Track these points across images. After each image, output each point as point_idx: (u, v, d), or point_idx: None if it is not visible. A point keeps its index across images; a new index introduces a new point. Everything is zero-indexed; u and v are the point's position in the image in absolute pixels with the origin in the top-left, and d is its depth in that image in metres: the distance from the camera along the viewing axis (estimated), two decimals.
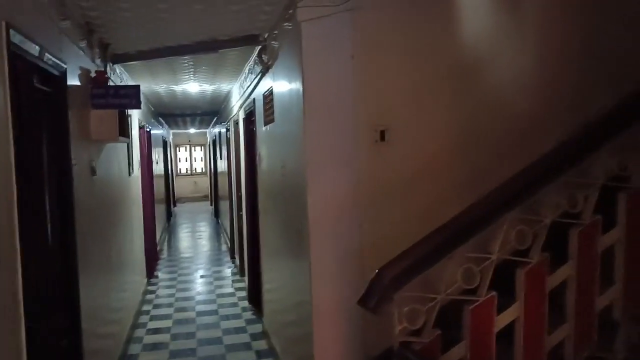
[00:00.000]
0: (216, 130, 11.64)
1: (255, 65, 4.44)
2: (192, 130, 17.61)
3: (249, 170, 5.54)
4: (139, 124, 6.61)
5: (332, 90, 2.78)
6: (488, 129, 2.94)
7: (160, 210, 10.61)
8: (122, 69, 4.91)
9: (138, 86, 3.54)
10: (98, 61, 3.78)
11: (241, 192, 6.60)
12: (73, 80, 3.04)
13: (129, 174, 5.42)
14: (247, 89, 5.24)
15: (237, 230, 7.26)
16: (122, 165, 5.00)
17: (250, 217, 5.61)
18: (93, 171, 3.45)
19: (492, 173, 2.97)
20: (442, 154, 2.90)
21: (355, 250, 2.81)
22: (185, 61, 4.85)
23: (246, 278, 6.29)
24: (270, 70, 3.79)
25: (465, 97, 2.92)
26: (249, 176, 5.56)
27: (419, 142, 2.88)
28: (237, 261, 7.39)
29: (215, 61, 4.90)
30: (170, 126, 14.84)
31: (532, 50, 2.99)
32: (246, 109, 5.40)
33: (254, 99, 4.77)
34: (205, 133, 17.75)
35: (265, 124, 4.13)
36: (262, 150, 4.51)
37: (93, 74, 3.54)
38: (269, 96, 3.90)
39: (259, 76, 4.25)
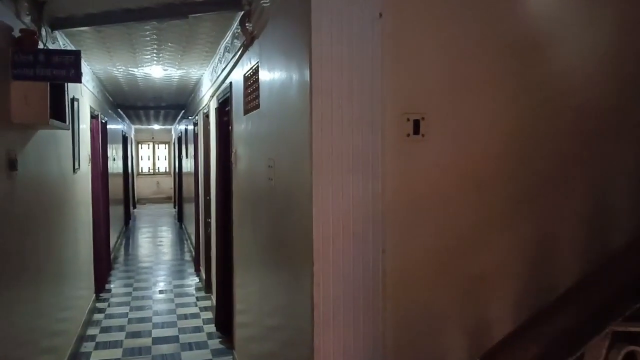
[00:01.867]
0: (182, 126, 10.67)
1: (235, 40, 3.59)
2: (156, 127, 16.49)
3: (221, 170, 4.67)
4: (91, 112, 5.64)
5: (349, 62, 1.97)
6: (554, 127, 2.20)
7: (117, 212, 9.55)
8: (66, 40, 3.98)
9: (78, 52, 2.64)
10: (27, 20, 2.86)
11: (210, 196, 5.71)
12: None
13: (74, 171, 4.46)
14: (221, 72, 4.38)
15: (204, 239, 6.36)
16: (63, 160, 4.05)
17: (221, 226, 4.74)
18: (12, 165, 2.53)
19: (557, 184, 2.26)
20: (495, 156, 2.14)
21: (375, 283, 2.02)
22: (148, 34, 3.96)
23: (213, 296, 5.40)
24: (255, 42, 2.96)
25: (527, 83, 2.17)
26: (220, 178, 4.68)
27: (465, 139, 2.10)
28: (203, 274, 6.47)
29: (184, 35, 4.02)
30: (132, 121, 13.73)
31: (613, 29, 2.27)
32: (219, 97, 4.53)
33: (230, 83, 3.91)
34: (170, 130, 16.67)
35: (246, 112, 3.29)
36: (240, 146, 3.66)
37: (17, 34, 2.63)
38: (252, 76, 3.07)
39: (239, 52, 3.41)
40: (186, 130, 9.55)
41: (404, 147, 2.03)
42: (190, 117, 8.26)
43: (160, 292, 6.38)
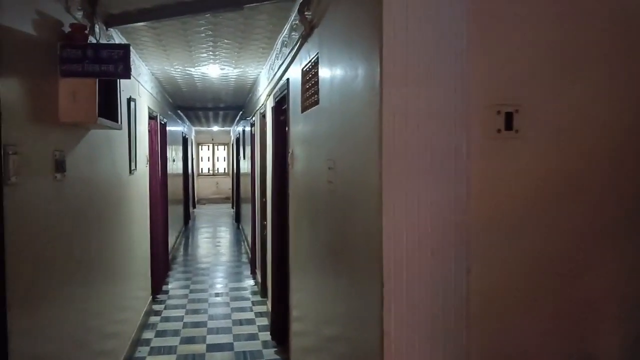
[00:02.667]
0: (240, 128, 10.64)
1: (293, 33, 3.35)
2: (215, 128, 16.72)
3: (277, 172, 4.45)
4: (149, 113, 5.60)
5: (428, 44, 1.66)
6: None
7: (176, 212, 9.63)
8: (122, 38, 3.88)
9: (127, 46, 2.48)
10: (79, 15, 2.74)
11: (266, 198, 5.53)
12: (20, 26, 2.00)
13: (130, 172, 4.38)
14: (278, 69, 4.16)
15: (260, 241, 6.19)
16: (119, 161, 3.96)
17: (276, 229, 4.52)
18: (59, 166, 2.39)
19: None
20: (607, 157, 1.76)
21: (457, 309, 1.69)
22: (202, 29, 3.79)
23: (269, 301, 5.20)
24: (315, 32, 2.69)
25: None
26: (276, 180, 4.47)
27: (569, 136, 1.74)
28: (259, 278, 6.31)
29: (240, 30, 3.83)
30: (192, 122, 13.94)
31: None
32: (276, 95, 4.31)
33: (287, 79, 3.68)
34: (229, 132, 16.86)
35: (304, 109, 3.03)
36: (297, 146, 3.41)
37: (67, 29, 2.50)
38: (311, 69, 2.81)
39: (297, 45, 3.16)
40: (243, 131, 9.49)
41: (493, 145, 1.70)
42: (247, 118, 8.16)
43: (217, 295, 6.27)
